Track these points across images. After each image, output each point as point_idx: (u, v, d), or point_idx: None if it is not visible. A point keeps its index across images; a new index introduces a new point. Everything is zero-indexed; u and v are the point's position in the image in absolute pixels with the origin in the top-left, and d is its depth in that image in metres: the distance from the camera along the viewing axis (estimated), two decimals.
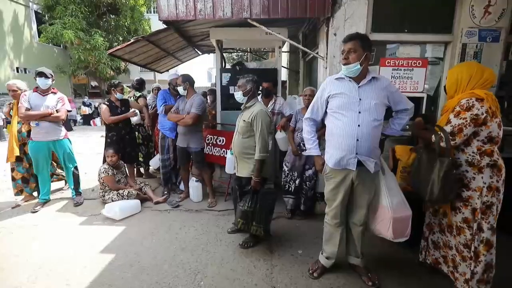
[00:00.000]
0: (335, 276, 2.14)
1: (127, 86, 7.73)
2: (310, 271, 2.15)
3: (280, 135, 3.21)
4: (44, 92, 3.21)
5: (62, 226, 2.98)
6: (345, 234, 2.10)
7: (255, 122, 2.27)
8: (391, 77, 2.99)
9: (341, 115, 1.83)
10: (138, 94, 4.43)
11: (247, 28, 3.58)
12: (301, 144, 2.90)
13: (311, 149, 2.03)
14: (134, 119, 3.94)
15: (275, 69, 3.84)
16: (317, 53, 3.33)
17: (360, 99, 1.79)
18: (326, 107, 1.95)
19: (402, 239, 1.93)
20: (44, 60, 13.08)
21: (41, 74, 3.13)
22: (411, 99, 2.33)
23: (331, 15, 2.82)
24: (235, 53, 13.03)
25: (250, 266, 2.29)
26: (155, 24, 12.80)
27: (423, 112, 3.06)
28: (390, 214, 1.86)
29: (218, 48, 3.86)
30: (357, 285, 2.05)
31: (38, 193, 3.51)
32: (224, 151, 3.63)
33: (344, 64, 1.80)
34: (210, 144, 3.70)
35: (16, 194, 3.61)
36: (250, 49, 6.95)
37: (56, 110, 3.23)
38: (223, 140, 3.64)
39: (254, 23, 2.92)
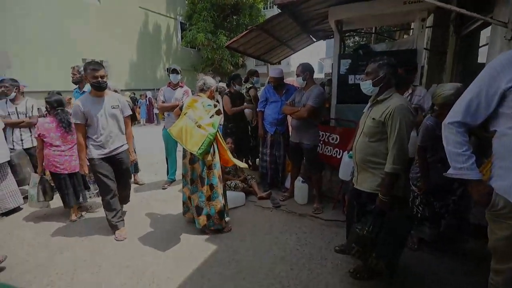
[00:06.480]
0: None
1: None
2: None
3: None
4: (174, 86, 3.67)
5: (180, 206, 3.32)
6: None
7: (391, 121, 1.64)
8: None
9: None
10: (249, 85, 4.45)
11: (375, 1, 2.85)
12: None
13: (463, 169, 1.23)
14: (248, 113, 4.06)
15: (414, 50, 2.91)
16: (491, 18, 2.23)
17: None
18: (498, 104, 1.16)
19: None
20: (185, 61, 16.06)
21: (173, 71, 3.59)
22: None
23: None
24: (352, 39, 11.74)
25: None
26: None
27: None
28: None
29: (338, 30, 3.28)
30: None
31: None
32: (336, 151, 3.10)
33: None
34: (321, 142, 3.24)
35: None
36: (375, 29, 5.83)
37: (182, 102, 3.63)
38: (336, 138, 3.11)
39: None
